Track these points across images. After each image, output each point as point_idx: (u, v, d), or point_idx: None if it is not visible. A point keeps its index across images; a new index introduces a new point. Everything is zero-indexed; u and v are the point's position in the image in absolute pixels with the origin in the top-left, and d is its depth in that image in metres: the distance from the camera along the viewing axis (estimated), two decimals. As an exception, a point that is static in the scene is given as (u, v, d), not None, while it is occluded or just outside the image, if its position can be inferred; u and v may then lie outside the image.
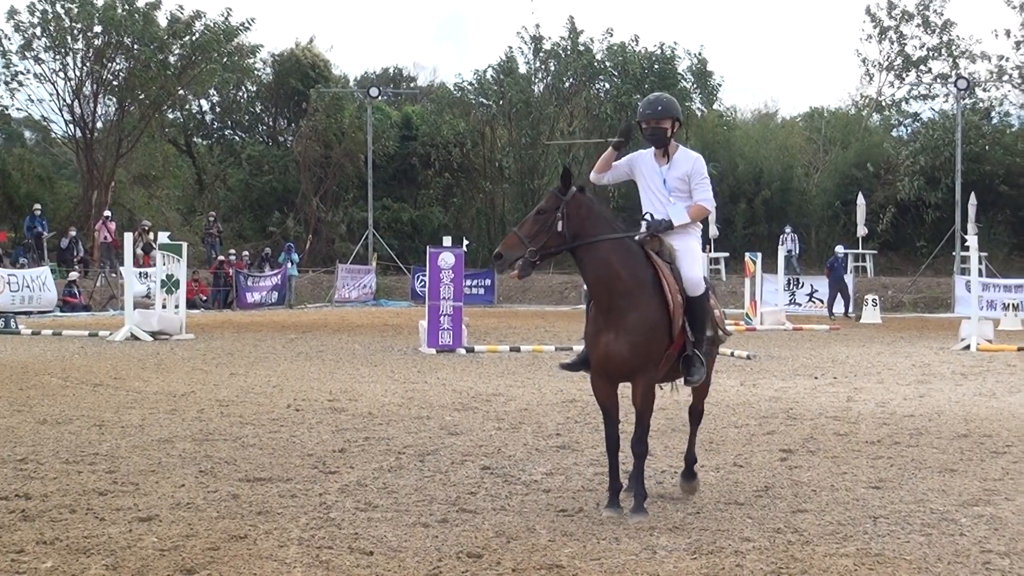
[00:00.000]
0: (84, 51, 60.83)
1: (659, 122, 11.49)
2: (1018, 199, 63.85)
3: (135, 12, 60.08)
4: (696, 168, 11.50)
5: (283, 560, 9.30)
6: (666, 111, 11.52)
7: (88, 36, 60.40)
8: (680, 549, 9.72)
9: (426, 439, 15.47)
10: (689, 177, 11.48)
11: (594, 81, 70.20)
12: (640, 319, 10.75)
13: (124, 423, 16.61)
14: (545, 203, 11.09)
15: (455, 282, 29.81)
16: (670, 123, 11.52)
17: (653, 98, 11.82)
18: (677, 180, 11.49)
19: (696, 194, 11.50)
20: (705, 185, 11.54)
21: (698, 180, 11.49)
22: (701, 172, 11.53)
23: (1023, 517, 11.08)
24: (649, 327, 10.78)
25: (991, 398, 20.75)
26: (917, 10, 69.35)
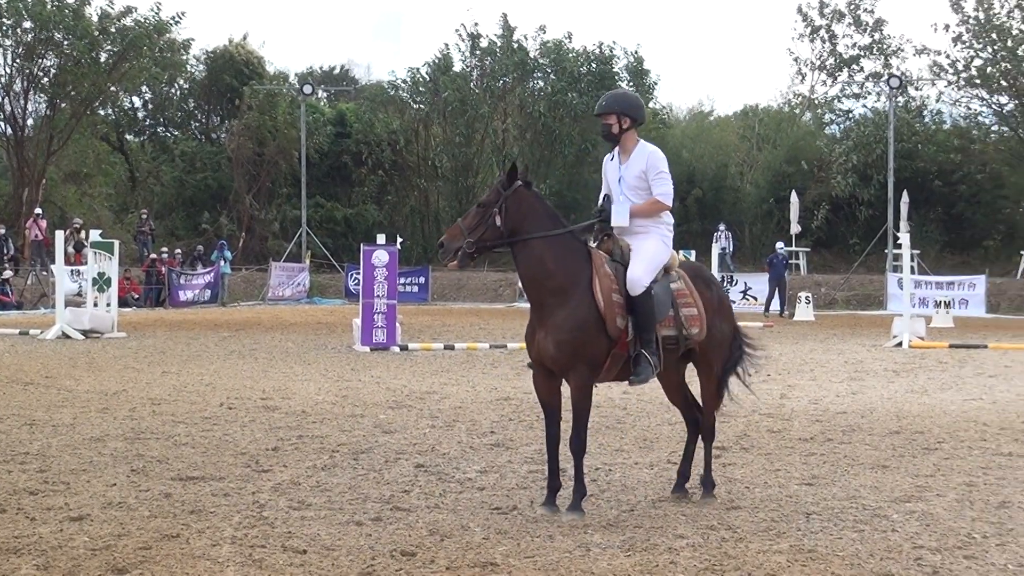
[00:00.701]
0: (13, 48, 60.43)
1: (604, 117, 11.54)
2: (950, 196, 64.33)
3: (65, 8, 59.57)
4: (651, 163, 11.42)
5: (216, 559, 9.27)
6: (608, 106, 11.52)
7: (17, 32, 59.93)
8: (614, 546, 9.74)
9: (360, 437, 15.46)
10: (646, 173, 11.42)
11: (528, 79, 70.25)
12: (567, 317, 10.73)
13: (55, 422, 16.52)
14: (487, 196, 11.13)
15: (389, 280, 29.78)
16: (615, 118, 11.47)
17: (609, 95, 11.87)
18: (634, 178, 11.47)
19: (655, 187, 11.43)
20: (663, 180, 11.45)
21: (655, 174, 11.41)
22: (657, 167, 11.42)
23: (954, 513, 11.16)
24: (575, 326, 10.71)
25: (923, 395, 20.89)
26: (848, 9, 69.78)
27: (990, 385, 22.56)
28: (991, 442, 15.53)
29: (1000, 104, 64.47)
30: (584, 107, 67.17)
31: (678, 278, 11.51)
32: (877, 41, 69.80)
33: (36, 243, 51.63)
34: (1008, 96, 63.65)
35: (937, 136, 66.42)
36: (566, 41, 70.32)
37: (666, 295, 11.27)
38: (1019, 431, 16.52)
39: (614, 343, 10.87)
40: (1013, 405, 19.42)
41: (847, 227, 65.25)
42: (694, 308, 11.49)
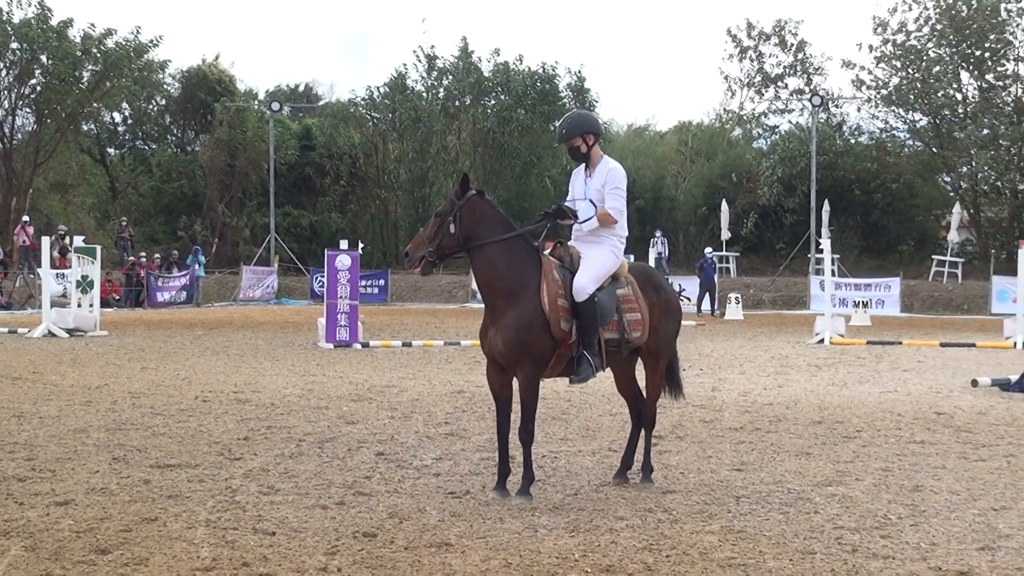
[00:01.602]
0: (3, 67, 60.18)
1: (570, 142, 11.49)
2: (867, 205, 64.65)
3: (50, 31, 59.40)
4: (609, 178, 11.34)
5: (191, 541, 9.24)
6: (571, 131, 11.47)
7: (6, 53, 59.70)
8: (559, 528, 9.75)
9: (324, 427, 15.43)
10: (603, 186, 11.35)
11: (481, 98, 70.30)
12: (515, 318, 10.77)
13: (42, 414, 16.44)
14: (442, 207, 11.17)
15: (351, 282, 29.73)
16: (580, 140, 11.42)
17: (568, 119, 11.79)
18: (596, 191, 11.38)
19: (607, 202, 11.33)
20: (616, 195, 11.36)
21: (609, 189, 11.33)
22: (613, 182, 11.33)
23: (872, 496, 11.21)
24: (522, 325, 10.75)
25: (843, 388, 20.97)
26: (774, 30, 70.02)
27: (904, 378, 22.66)
28: (905, 431, 15.60)
29: (914, 120, 64.79)
30: (530, 123, 67.32)
31: (626, 284, 11.47)
32: (800, 60, 70.07)
33: (24, 248, 51.49)
34: (921, 113, 63.95)
35: (856, 149, 66.74)
36: (516, 63, 70.41)
37: (611, 301, 11.23)
38: (931, 421, 16.61)
39: (559, 344, 10.86)
40: (925, 397, 19.51)
41: (773, 233, 65.52)
42: (638, 313, 11.45)
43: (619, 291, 11.37)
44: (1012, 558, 8.97)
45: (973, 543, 9.43)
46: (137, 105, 71.76)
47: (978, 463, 13.11)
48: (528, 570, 8.48)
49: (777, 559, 8.90)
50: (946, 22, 61.11)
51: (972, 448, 14.17)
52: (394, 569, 8.52)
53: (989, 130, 61.25)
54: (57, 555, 8.75)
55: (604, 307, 11.14)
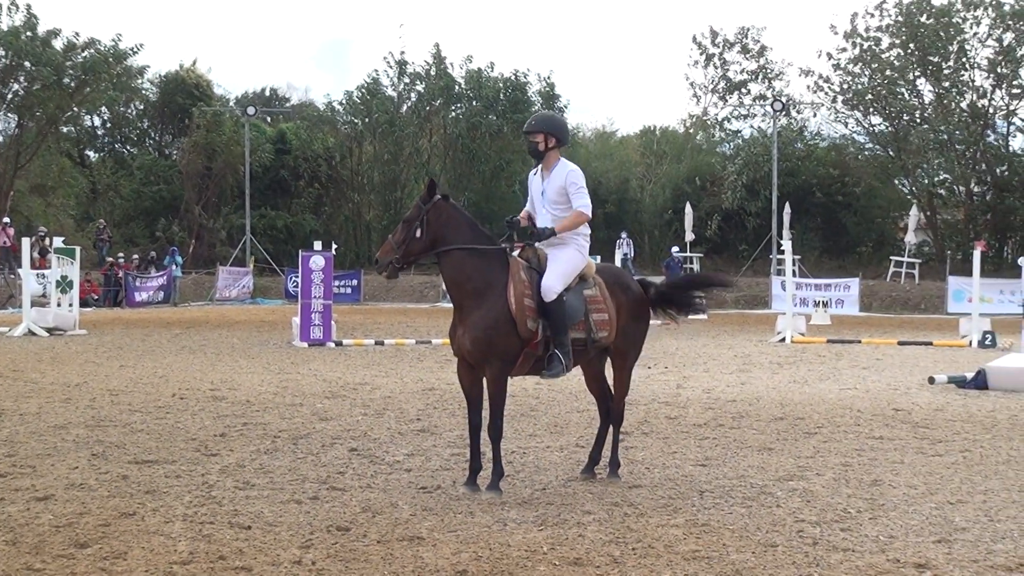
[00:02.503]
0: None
1: (532, 136, 11.45)
2: (828, 207, 64.86)
3: (36, 38, 59.42)
4: (571, 179, 11.31)
5: (169, 535, 9.22)
6: (537, 126, 11.48)
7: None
8: (528, 521, 9.75)
9: (299, 424, 15.41)
10: (565, 188, 11.30)
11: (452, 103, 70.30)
12: (482, 317, 10.77)
13: (22, 411, 16.39)
14: (410, 212, 11.11)
15: (325, 282, 29.72)
16: (542, 137, 11.40)
17: (536, 116, 11.78)
18: (555, 192, 11.35)
19: (575, 200, 11.30)
20: (582, 193, 11.32)
21: (575, 189, 11.30)
22: (576, 182, 11.32)
23: (832, 490, 11.24)
24: (489, 324, 10.75)
25: (804, 385, 21.02)
26: (737, 38, 70.21)
27: (863, 376, 22.72)
28: (864, 427, 15.65)
29: (872, 125, 64.99)
30: (500, 128, 67.33)
31: (593, 285, 11.44)
32: (762, 66, 70.26)
33: (4, 249, 51.41)
34: (880, 118, 64.16)
35: (816, 153, 66.96)
36: (488, 70, 70.46)
37: (579, 301, 11.21)
38: (889, 417, 16.66)
39: (526, 343, 10.87)
40: (884, 394, 19.57)
41: (736, 235, 65.72)
42: (605, 314, 11.43)
43: (586, 291, 11.32)
44: (968, 550, 9.01)
45: (930, 536, 9.47)
46: (116, 109, 71.71)
47: (935, 458, 13.16)
48: (498, 563, 8.48)
49: (740, 552, 8.92)
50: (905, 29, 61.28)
51: (929, 444, 14.22)
52: (367, 562, 8.52)
53: (945, 135, 61.50)
54: (37, 549, 8.73)
55: (572, 307, 11.12)
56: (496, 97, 69.43)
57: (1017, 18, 59.80)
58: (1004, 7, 59.88)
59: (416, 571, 8.32)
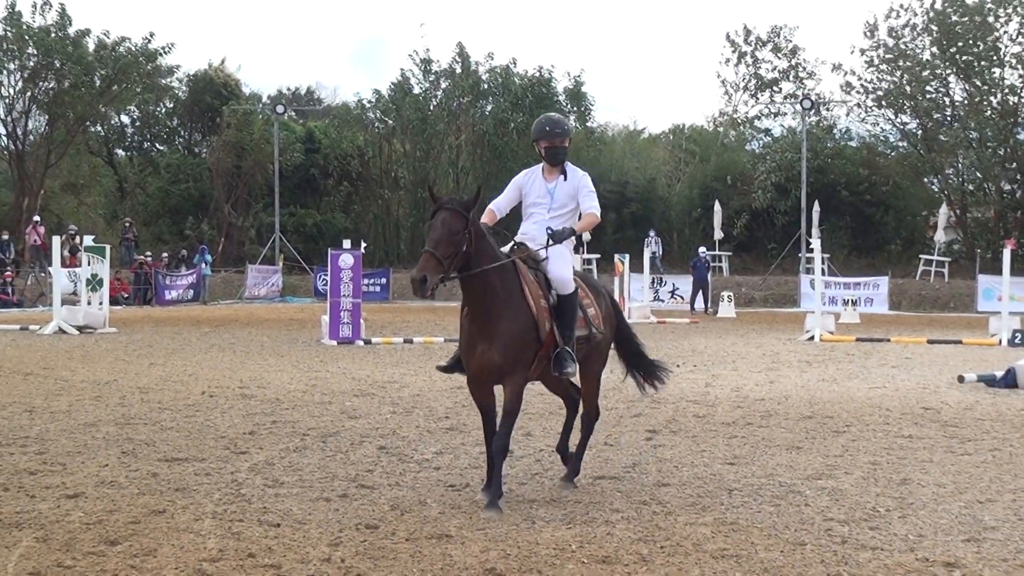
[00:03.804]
0: (19, 72, 60.24)
1: (562, 141, 11.12)
2: (857, 205, 64.61)
3: (66, 37, 59.60)
4: (583, 183, 11.04)
5: (198, 532, 9.26)
6: (565, 131, 11.18)
7: (22, 58, 59.78)
8: (557, 520, 9.76)
9: (328, 422, 15.44)
10: (577, 191, 11.02)
11: (478, 100, 70.25)
12: (508, 328, 10.19)
13: (53, 409, 16.45)
14: (455, 222, 9.98)
15: (354, 281, 29.75)
16: (568, 141, 11.20)
17: (554, 119, 11.34)
18: (566, 196, 11.02)
19: (585, 204, 11.02)
20: (593, 196, 11.09)
21: (586, 192, 11.04)
22: (588, 186, 11.07)
23: (861, 489, 11.23)
24: (516, 333, 10.23)
25: (832, 383, 20.98)
26: (769, 36, 69.97)
27: (892, 375, 22.67)
28: (893, 425, 15.62)
29: (903, 123, 64.80)
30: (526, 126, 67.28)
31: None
32: (794, 65, 70.01)
33: (35, 247, 51.69)
34: (911, 116, 63.96)
35: (846, 152, 66.72)
36: (512, 66, 70.40)
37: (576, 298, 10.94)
38: (918, 416, 16.62)
39: (542, 346, 10.51)
40: (913, 393, 19.53)
41: (765, 233, 65.52)
42: (594, 308, 11.30)
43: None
44: (998, 549, 8.99)
45: (959, 535, 9.45)
46: (145, 108, 71.81)
47: (964, 457, 13.13)
48: (526, 561, 8.50)
49: (768, 550, 8.92)
50: (936, 27, 61.10)
51: (958, 442, 14.18)
52: (396, 560, 8.54)
53: (975, 133, 61.32)
54: (67, 546, 8.77)
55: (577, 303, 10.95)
56: (523, 94, 69.37)
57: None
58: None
59: (445, 569, 8.34)
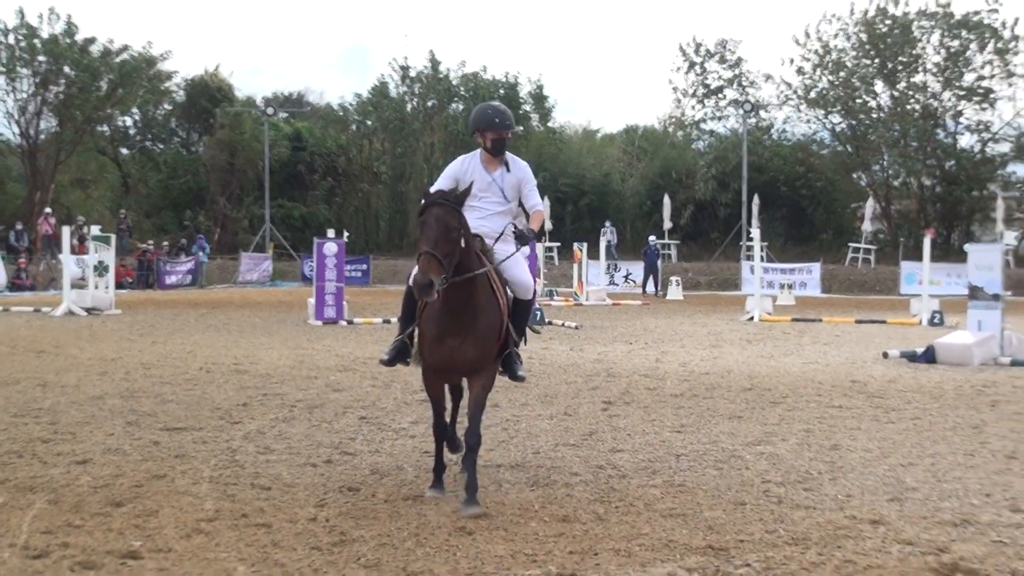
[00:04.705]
0: (31, 76, 60.14)
1: (508, 132, 9.72)
2: (792, 199, 64.84)
3: (74, 45, 59.52)
4: (527, 175, 9.82)
5: (196, 495, 9.24)
6: (511, 123, 9.80)
7: (34, 64, 59.69)
8: (521, 483, 9.77)
9: (314, 395, 15.42)
10: (521, 183, 9.75)
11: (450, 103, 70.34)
12: (485, 323, 9.04)
13: (63, 383, 16.39)
14: (450, 218, 8.69)
15: (337, 267, 29.72)
16: (510, 133, 9.80)
17: (500, 110, 9.88)
18: (512, 189, 9.72)
19: (530, 199, 9.81)
20: (536, 191, 9.96)
21: (531, 186, 9.84)
22: (532, 179, 9.89)
23: (795, 454, 11.27)
24: (492, 327, 9.14)
25: (770, 359, 21.04)
26: (717, 49, 69.93)
27: (824, 351, 22.75)
28: (825, 397, 15.67)
29: (834, 123, 65.01)
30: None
31: None
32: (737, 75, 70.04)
33: (47, 237, 51.62)
34: (840, 117, 64.20)
35: (782, 150, 66.96)
36: (482, 72, 70.59)
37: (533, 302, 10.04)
38: (847, 388, 16.69)
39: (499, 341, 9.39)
40: (842, 367, 19.60)
41: (709, 224, 65.68)
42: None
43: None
44: (918, 507, 9.04)
45: (884, 495, 9.49)
46: (146, 110, 71.79)
47: (888, 425, 13.19)
48: (493, 520, 8.50)
49: (712, 509, 8.94)
50: (864, 37, 61.37)
51: (883, 412, 14.25)
52: (375, 519, 8.53)
53: (899, 133, 61.72)
54: (77, 508, 8.75)
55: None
56: (491, 97, 69.56)
57: (963, 27, 59.99)
58: (953, 18, 60.02)
59: (420, 527, 8.34)
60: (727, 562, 7.55)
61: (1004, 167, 62.77)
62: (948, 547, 7.91)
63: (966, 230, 61.61)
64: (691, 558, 7.65)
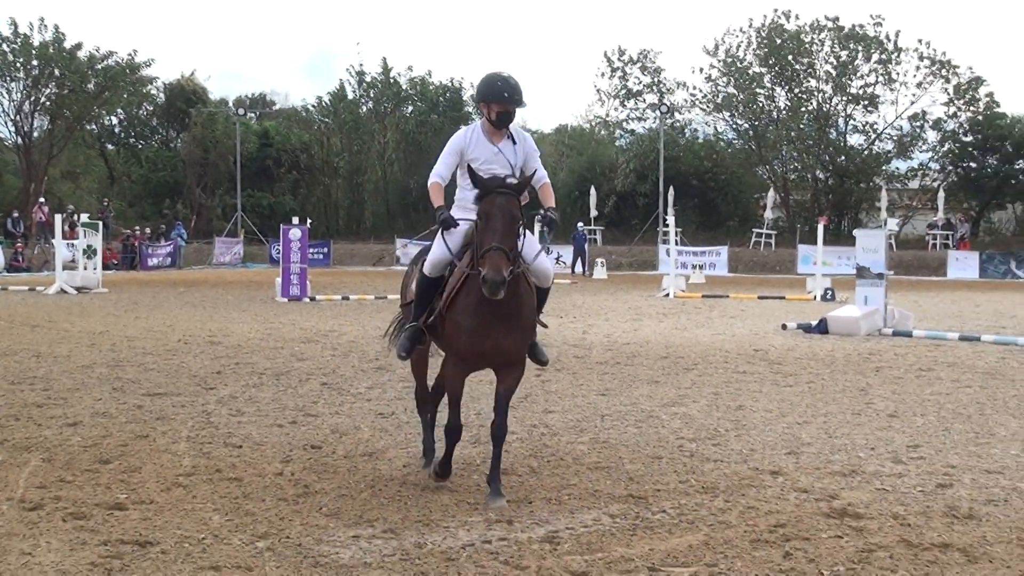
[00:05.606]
0: (24, 79, 59.73)
1: (515, 108, 8.23)
2: (703, 190, 64.92)
3: (63, 50, 59.09)
4: (533, 146, 8.48)
5: (175, 453, 9.20)
6: (520, 98, 8.21)
7: (27, 68, 59.32)
8: (465, 440, 9.73)
9: (280, 363, 15.36)
10: (528, 155, 8.38)
11: (401, 106, 70.13)
12: (528, 313, 8.03)
13: (55, 354, 16.26)
14: (514, 208, 7.69)
15: (301, 250, 29.62)
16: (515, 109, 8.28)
17: (512, 84, 8.21)
18: (519, 159, 8.31)
19: (538, 172, 8.37)
20: (540, 161, 8.56)
21: (536, 157, 8.49)
22: (537, 150, 8.52)
23: (705, 414, 11.34)
24: (532, 318, 8.19)
25: (684, 331, 21.14)
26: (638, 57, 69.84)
27: (730, 324, 22.89)
28: (731, 364, 15.78)
29: (738, 124, 65.31)
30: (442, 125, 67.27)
31: None
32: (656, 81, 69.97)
33: (41, 224, 51.31)
34: (743, 119, 64.55)
35: (694, 147, 67.18)
36: (428, 77, 70.39)
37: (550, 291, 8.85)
38: (750, 356, 16.80)
39: None
40: (746, 338, 19.73)
41: (630, 212, 65.60)
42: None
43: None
44: (812, 460, 9.13)
45: (783, 449, 9.58)
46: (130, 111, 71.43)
47: (786, 388, 13.30)
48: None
49: (633, 463, 8.99)
50: (764, 47, 61.76)
51: (782, 377, 14.37)
52: (335, 473, 8.53)
53: (795, 132, 62.36)
54: (68, 465, 8.70)
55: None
56: (437, 99, 69.54)
57: (849, 39, 60.55)
58: (843, 30, 60.53)
59: (375, 480, 8.35)
60: (646, 508, 7.60)
61: (888, 163, 63.37)
62: (838, 494, 8.00)
63: (854, 217, 62.09)
64: (614, 506, 7.69)
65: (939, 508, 7.64)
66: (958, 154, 61.64)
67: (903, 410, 11.70)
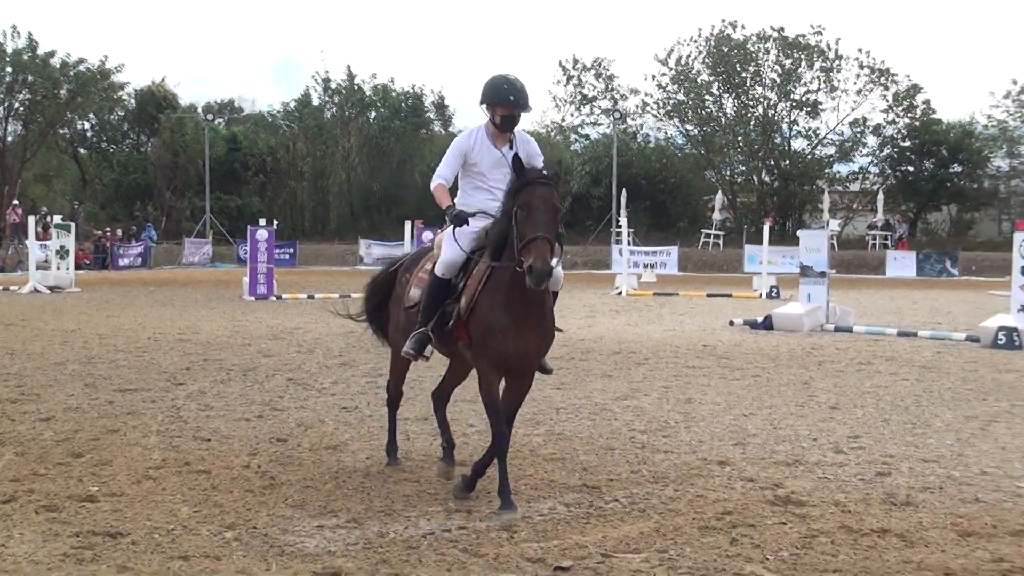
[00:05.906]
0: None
1: (519, 112, 7.85)
2: (654, 192, 65.13)
3: (36, 58, 58.66)
4: (536, 149, 7.99)
5: (146, 446, 9.15)
6: (526, 103, 7.86)
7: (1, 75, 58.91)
8: (425, 433, 9.79)
9: (247, 360, 15.30)
10: (530, 159, 7.64)
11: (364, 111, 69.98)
12: (551, 313, 7.71)
13: (29, 351, 16.12)
14: (555, 199, 7.24)
15: (268, 250, 29.54)
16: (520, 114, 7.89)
17: (518, 88, 7.83)
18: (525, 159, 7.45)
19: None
20: (543, 163, 7.86)
21: (540, 159, 7.93)
22: (540, 154, 8.02)
23: (656, 407, 11.37)
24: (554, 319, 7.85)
25: (636, 327, 21.19)
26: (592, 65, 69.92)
27: (680, 320, 22.96)
28: (681, 358, 15.83)
29: (688, 130, 65.59)
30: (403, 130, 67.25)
31: None
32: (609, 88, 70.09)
33: (15, 225, 50.88)
34: (692, 125, 64.83)
35: (646, 151, 67.39)
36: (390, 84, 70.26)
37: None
38: (699, 351, 16.86)
39: None
40: (695, 333, 19.80)
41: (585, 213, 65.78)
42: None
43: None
44: (758, 450, 9.18)
45: (730, 440, 9.62)
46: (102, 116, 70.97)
47: (733, 382, 13.35)
48: (403, 464, 8.52)
49: (587, 454, 9.01)
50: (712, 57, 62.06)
51: (729, 371, 14.43)
52: (301, 465, 8.51)
53: (742, 137, 62.78)
54: (41, 459, 8.64)
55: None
56: (400, 105, 69.46)
57: (794, 48, 60.96)
58: (788, 40, 60.92)
59: (339, 472, 8.33)
60: (599, 498, 7.61)
61: (830, 166, 63.87)
62: (783, 483, 8.05)
63: (798, 219, 62.43)
64: (569, 495, 7.70)
65: (878, 495, 7.70)
66: (896, 158, 62.32)
67: (844, 402, 11.79)
